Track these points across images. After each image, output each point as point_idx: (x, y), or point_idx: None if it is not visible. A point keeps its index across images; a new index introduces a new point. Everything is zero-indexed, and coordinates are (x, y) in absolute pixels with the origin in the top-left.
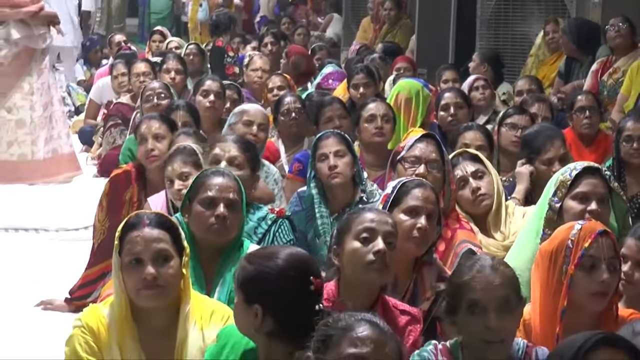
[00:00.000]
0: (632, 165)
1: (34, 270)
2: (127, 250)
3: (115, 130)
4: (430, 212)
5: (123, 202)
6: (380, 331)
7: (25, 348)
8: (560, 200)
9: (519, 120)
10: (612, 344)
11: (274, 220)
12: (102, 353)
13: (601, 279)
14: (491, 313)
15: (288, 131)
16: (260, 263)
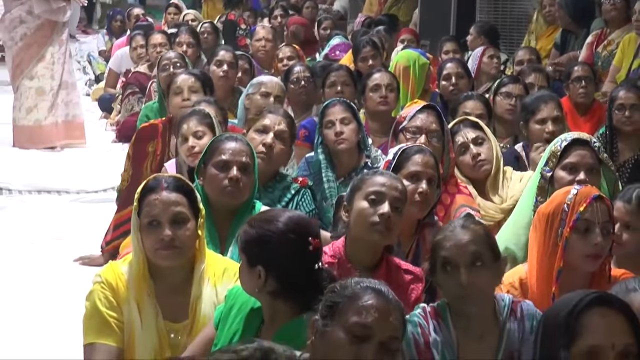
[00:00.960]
0: (624, 133)
1: (56, 229)
2: (145, 212)
3: (133, 98)
4: (431, 177)
5: (146, 153)
6: (385, 300)
7: (52, 302)
8: (552, 170)
9: (513, 89)
10: (605, 303)
11: (297, 190)
12: (120, 308)
13: (595, 242)
14: (462, 269)
15: (297, 99)
16: (261, 226)
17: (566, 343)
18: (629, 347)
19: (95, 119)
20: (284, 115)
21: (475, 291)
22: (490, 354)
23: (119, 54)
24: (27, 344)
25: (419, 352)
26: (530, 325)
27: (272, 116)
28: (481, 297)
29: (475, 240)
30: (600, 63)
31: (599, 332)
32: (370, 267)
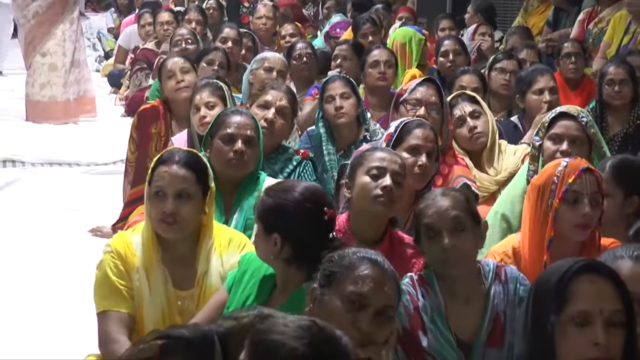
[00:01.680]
0: (613, 107)
1: (68, 200)
2: (154, 182)
3: (141, 73)
4: (430, 150)
5: (150, 135)
6: (380, 270)
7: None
8: (541, 140)
9: (507, 64)
10: (594, 270)
11: (299, 162)
12: (129, 275)
13: (583, 212)
14: (444, 233)
15: (299, 75)
16: (279, 196)
17: (556, 308)
18: (617, 313)
19: (105, 94)
20: (286, 91)
21: (458, 254)
22: (477, 316)
23: (128, 31)
24: (40, 313)
25: (409, 317)
26: (514, 287)
27: (274, 92)
28: (464, 259)
29: (455, 206)
30: (591, 40)
31: (588, 298)
32: (373, 241)
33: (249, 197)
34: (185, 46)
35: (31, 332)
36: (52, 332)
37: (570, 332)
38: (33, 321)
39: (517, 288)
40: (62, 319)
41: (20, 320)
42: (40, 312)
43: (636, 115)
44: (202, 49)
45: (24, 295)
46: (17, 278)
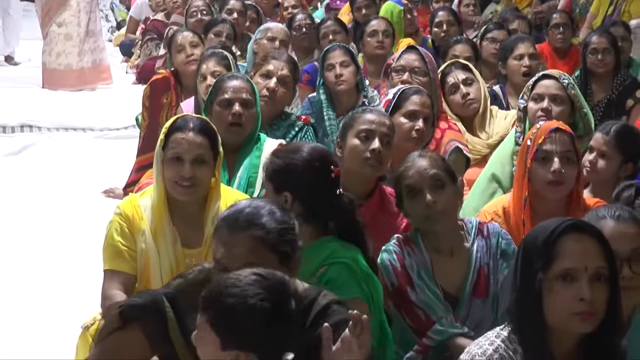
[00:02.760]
0: (597, 75)
1: (82, 163)
2: (171, 147)
3: (151, 43)
4: (427, 116)
5: (162, 104)
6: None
7: (78, 230)
8: (526, 102)
9: (498, 34)
10: (580, 229)
11: (301, 127)
12: (134, 238)
13: (553, 169)
14: (425, 191)
15: (299, 44)
16: (287, 156)
17: (543, 266)
18: (601, 270)
19: (117, 62)
20: (287, 60)
21: (439, 209)
22: (462, 269)
23: (139, 2)
24: (55, 268)
25: (397, 275)
26: (496, 241)
27: (275, 62)
28: (445, 214)
29: (433, 165)
30: (578, 10)
31: (573, 256)
32: (364, 196)
33: (250, 157)
34: (201, 17)
35: (46, 287)
36: (66, 287)
37: (557, 288)
38: (48, 274)
39: (499, 242)
40: (76, 275)
41: (36, 276)
42: (55, 268)
43: (619, 82)
44: (209, 20)
45: (40, 252)
46: (34, 235)
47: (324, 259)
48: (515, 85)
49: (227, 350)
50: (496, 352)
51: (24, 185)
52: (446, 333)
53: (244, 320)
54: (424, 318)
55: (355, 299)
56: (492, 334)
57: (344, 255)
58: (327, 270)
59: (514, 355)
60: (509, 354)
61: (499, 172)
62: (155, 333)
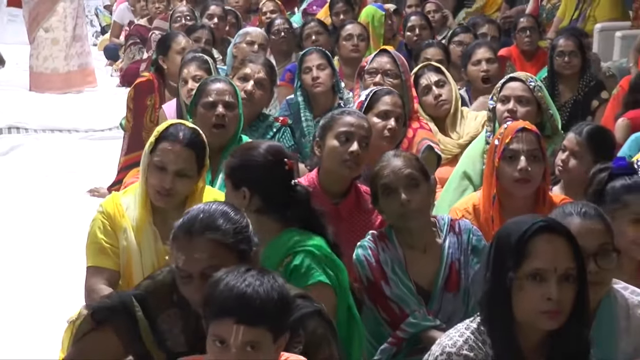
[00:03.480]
0: (564, 76)
1: (68, 163)
2: (157, 154)
3: (134, 47)
4: (398, 115)
5: (145, 106)
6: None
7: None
8: (495, 103)
9: (464, 38)
10: (551, 229)
11: (279, 128)
12: (116, 235)
13: (519, 167)
14: (400, 190)
15: (278, 48)
16: (244, 154)
17: (514, 265)
18: (570, 270)
19: (101, 66)
20: (264, 63)
21: (414, 207)
22: (434, 265)
23: (122, 7)
24: (40, 265)
25: (371, 270)
26: (467, 238)
27: (252, 65)
28: (419, 212)
29: (408, 165)
30: (544, 15)
31: (544, 256)
32: (341, 194)
33: None
34: (185, 22)
35: (33, 284)
36: (53, 284)
37: (526, 287)
38: (33, 271)
39: (470, 238)
40: (62, 271)
41: (23, 273)
42: (41, 265)
43: (585, 83)
44: (189, 26)
45: (27, 249)
46: (22, 233)
47: (288, 249)
48: (476, 90)
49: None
50: (466, 343)
51: (12, 185)
52: (419, 326)
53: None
54: (397, 311)
55: (321, 283)
56: (462, 326)
57: (307, 243)
58: (292, 259)
59: (483, 346)
60: (478, 345)
61: (470, 170)
62: (126, 333)
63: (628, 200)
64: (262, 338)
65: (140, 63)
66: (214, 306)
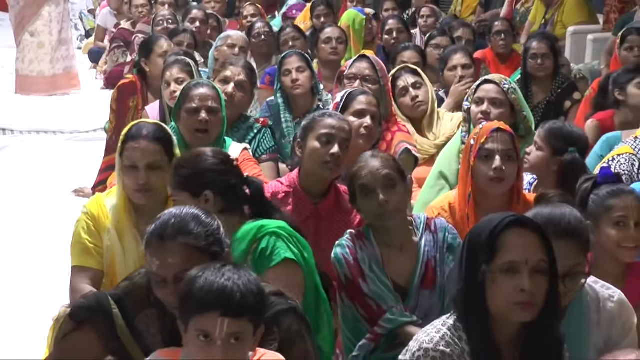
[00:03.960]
0: (537, 78)
1: (53, 164)
2: (126, 155)
3: (118, 51)
4: (373, 114)
5: (128, 107)
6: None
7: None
8: (470, 105)
9: (441, 41)
10: (521, 224)
11: (259, 129)
12: (100, 235)
13: (494, 166)
14: (378, 190)
15: (259, 51)
16: (194, 162)
17: (487, 258)
18: (541, 263)
19: (86, 69)
20: (244, 66)
21: (391, 207)
22: (411, 262)
23: (105, 11)
24: (26, 263)
25: (349, 268)
26: (442, 236)
27: (233, 68)
28: (397, 212)
29: (385, 166)
30: (518, 18)
31: (515, 249)
32: (321, 194)
33: None
34: (167, 25)
35: (19, 283)
36: (39, 283)
37: (500, 280)
38: (21, 272)
39: (446, 236)
40: (47, 270)
41: (9, 272)
42: (27, 264)
43: (557, 85)
44: (172, 30)
45: (13, 248)
46: (7, 233)
47: (253, 236)
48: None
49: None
50: (442, 339)
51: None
52: (396, 322)
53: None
54: (375, 308)
55: (288, 260)
56: (439, 322)
57: (271, 225)
58: (259, 244)
59: (459, 341)
60: (455, 341)
61: (446, 170)
62: (105, 333)
63: (611, 204)
64: (245, 329)
65: (124, 66)
66: (195, 302)
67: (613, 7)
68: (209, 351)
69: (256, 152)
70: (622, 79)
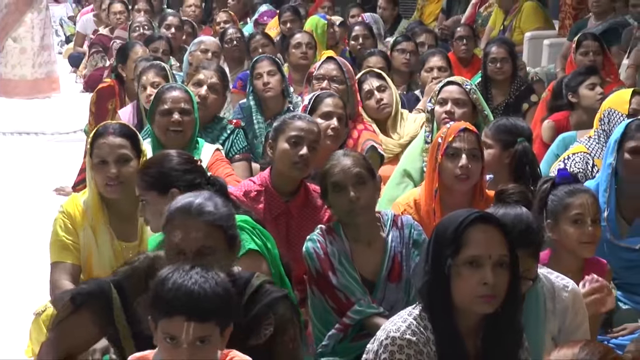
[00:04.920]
0: (496, 81)
1: (35, 164)
2: (95, 153)
3: (97, 55)
4: (340, 116)
5: (107, 110)
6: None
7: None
8: (433, 105)
9: (406, 45)
10: (485, 220)
11: (232, 130)
12: (77, 233)
13: (461, 164)
14: (349, 187)
15: (231, 55)
16: (160, 164)
17: (452, 253)
18: (503, 258)
19: (66, 73)
20: (216, 69)
21: (361, 203)
22: (378, 256)
23: (84, 18)
24: (8, 259)
25: (320, 261)
26: (408, 232)
27: (205, 71)
28: (367, 208)
29: (356, 164)
30: (480, 21)
31: (479, 244)
32: (291, 193)
33: None
34: (143, 31)
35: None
36: (20, 278)
37: (464, 273)
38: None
39: (412, 232)
40: (28, 266)
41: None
42: (9, 260)
43: (515, 87)
44: (148, 36)
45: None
46: None
47: None
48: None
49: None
50: (409, 328)
51: None
52: (364, 313)
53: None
54: (344, 300)
55: (252, 251)
56: (405, 313)
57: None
58: None
59: (425, 330)
60: (420, 330)
61: (410, 168)
62: (102, 316)
63: (569, 203)
64: (211, 332)
65: (103, 70)
66: (162, 305)
67: (567, 14)
68: (176, 353)
69: (229, 152)
70: (573, 82)
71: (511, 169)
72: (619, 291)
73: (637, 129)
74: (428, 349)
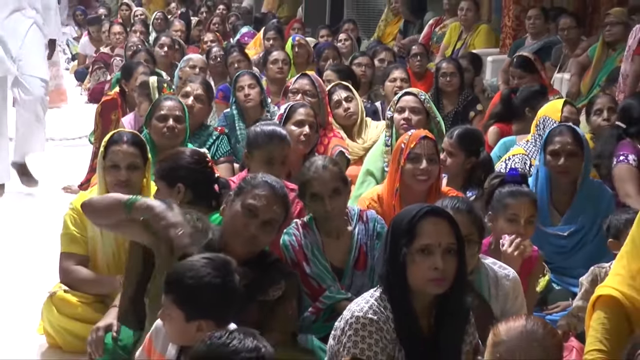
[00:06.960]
0: (446, 92)
1: (44, 166)
2: (110, 157)
3: (99, 71)
4: (311, 124)
5: (111, 120)
6: (274, 193)
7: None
8: (392, 113)
9: (362, 60)
10: (435, 213)
11: (217, 136)
12: (85, 226)
13: (421, 167)
14: (326, 199)
15: (215, 70)
16: (173, 159)
17: (407, 242)
18: (451, 245)
19: (72, 86)
20: (201, 82)
21: (336, 212)
22: (346, 247)
23: (83, 41)
24: (24, 249)
25: (295, 252)
26: (372, 226)
27: (192, 84)
28: (339, 214)
29: (334, 178)
30: (435, 39)
31: (430, 234)
32: None
33: None
34: (136, 49)
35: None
36: (35, 264)
37: (417, 260)
38: (19, 256)
39: (375, 226)
40: (42, 255)
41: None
42: (25, 249)
43: (463, 98)
44: (133, 50)
45: (13, 236)
46: (8, 222)
47: (218, 224)
48: (389, 103)
49: (190, 322)
50: (370, 309)
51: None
52: (334, 298)
53: (201, 294)
54: (316, 286)
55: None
56: (367, 295)
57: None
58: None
59: (384, 310)
60: (380, 310)
61: (373, 168)
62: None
63: (508, 203)
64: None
65: (105, 84)
66: None
67: (507, 34)
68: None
69: (215, 156)
70: (534, 101)
71: (467, 176)
72: (552, 274)
73: (556, 135)
74: (387, 326)
